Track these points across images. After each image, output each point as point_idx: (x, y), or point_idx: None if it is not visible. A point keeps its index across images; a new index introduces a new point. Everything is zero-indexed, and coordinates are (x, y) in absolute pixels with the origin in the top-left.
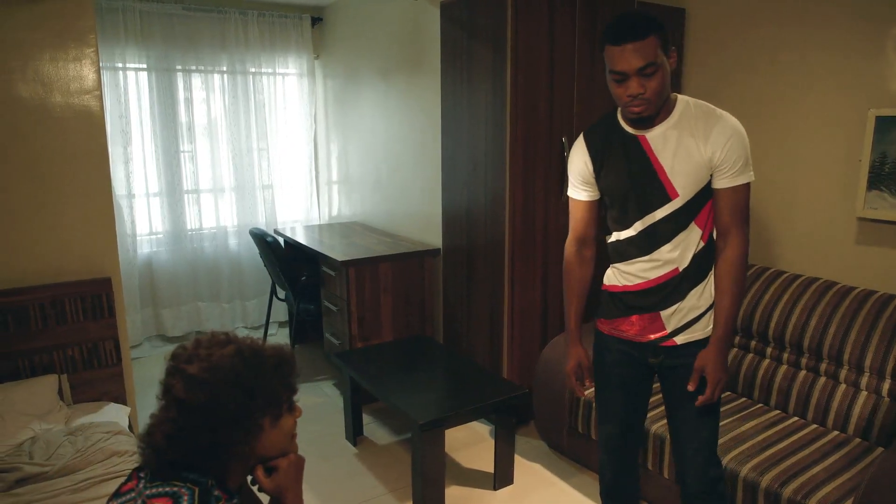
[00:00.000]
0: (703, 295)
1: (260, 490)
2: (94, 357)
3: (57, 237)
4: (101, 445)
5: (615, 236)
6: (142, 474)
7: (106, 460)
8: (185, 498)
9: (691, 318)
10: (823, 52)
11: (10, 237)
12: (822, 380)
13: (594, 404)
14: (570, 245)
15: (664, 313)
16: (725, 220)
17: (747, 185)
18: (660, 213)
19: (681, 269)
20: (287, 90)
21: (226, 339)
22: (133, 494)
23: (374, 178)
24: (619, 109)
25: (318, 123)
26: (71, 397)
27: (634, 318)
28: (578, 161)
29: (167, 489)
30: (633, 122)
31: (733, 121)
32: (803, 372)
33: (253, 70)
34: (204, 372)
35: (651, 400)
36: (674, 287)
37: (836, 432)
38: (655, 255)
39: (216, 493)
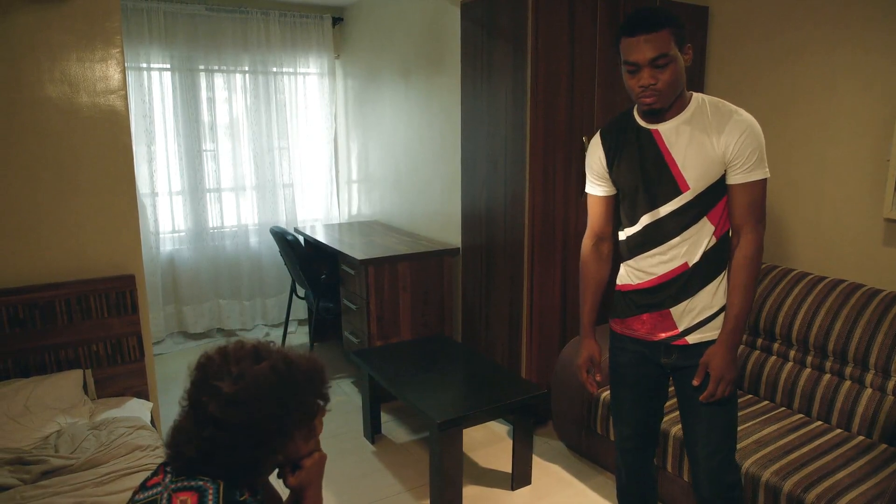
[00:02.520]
0: (716, 294)
1: (284, 484)
2: (117, 353)
3: (82, 234)
4: (123, 440)
5: (626, 232)
6: (168, 469)
7: (129, 454)
8: (210, 492)
9: (704, 317)
10: (850, 49)
11: (38, 234)
12: (847, 383)
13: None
14: (586, 240)
15: (674, 310)
16: (739, 216)
17: (762, 181)
18: (670, 206)
19: (690, 265)
20: (308, 90)
21: (256, 353)
22: (160, 488)
23: (393, 177)
24: (636, 105)
25: (339, 123)
26: (95, 392)
27: (645, 316)
28: (593, 156)
29: (192, 483)
30: (647, 116)
31: (747, 116)
32: (827, 375)
33: (274, 70)
34: (241, 391)
35: (670, 403)
36: (683, 283)
37: (861, 437)
38: (663, 248)
39: (241, 488)
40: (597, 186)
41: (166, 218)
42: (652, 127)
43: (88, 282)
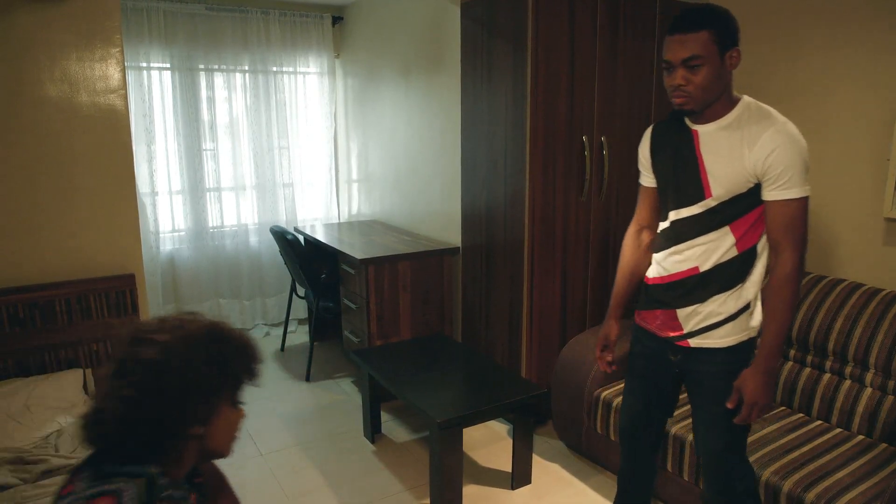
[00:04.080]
0: (726, 303)
1: None
2: None
3: (83, 234)
4: None
5: (660, 226)
6: (82, 475)
7: None
8: (128, 493)
9: (709, 323)
10: (849, 48)
11: (38, 233)
12: (847, 383)
13: (613, 404)
14: (630, 227)
15: (680, 312)
16: (773, 235)
17: (800, 199)
18: (692, 209)
19: (701, 270)
20: (308, 89)
21: (193, 317)
22: (72, 498)
23: (393, 176)
24: None
25: (339, 122)
26: (95, 392)
27: (658, 312)
28: (643, 147)
29: (108, 487)
30: (691, 116)
31: (788, 129)
32: (827, 375)
33: (274, 69)
34: (178, 340)
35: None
36: (692, 287)
37: (860, 436)
38: (680, 248)
39: (162, 481)
40: (644, 176)
41: (166, 217)
42: (694, 127)
43: (88, 281)
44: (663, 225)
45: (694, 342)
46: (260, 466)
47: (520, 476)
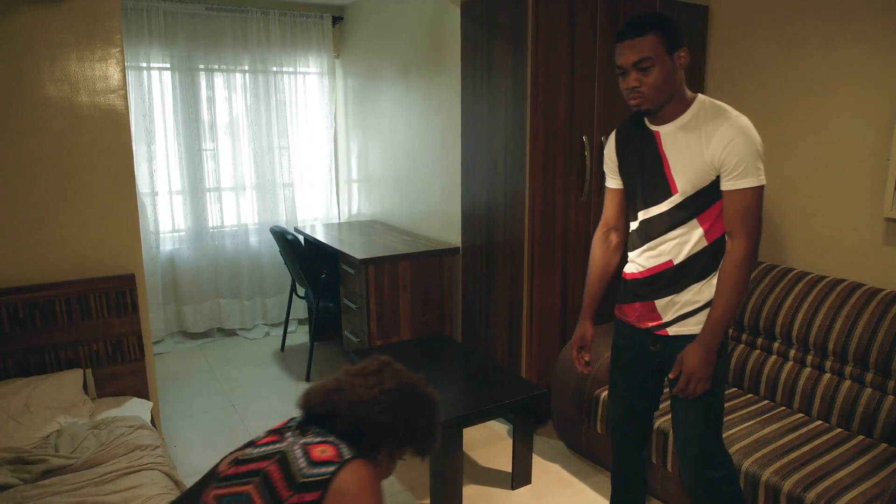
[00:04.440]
0: (701, 291)
1: None
2: (117, 352)
3: (82, 234)
4: (123, 440)
5: (632, 226)
6: (287, 432)
7: (128, 454)
8: (343, 445)
9: (686, 311)
10: (850, 48)
11: (38, 233)
12: (847, 383)
13: None
14: (598, 230)
15: (658, 303)
16: (729, 222)
17: (752, 189)
18: (661, 207)
19: (675, 263)
20: (308, 89)
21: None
22: (279, 445)
23: (393, 176)
24: None
25: (339, 122)
26: (95, 392)
27: (637, 304)
28: (608, 150)
29: (325, 439)
30: (651, 118)
31: (741, 123)
32: (827, 374)
33: (274, 69)
34: (417, 388)
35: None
36: (668, 279)
37: (861, 437)
38: (653, 244)
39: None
40: (611, 179)
41: (166, 217)
42: (654, 129)
43: (88, 281)
44: (633, 225)
45: (672, 330)
46: None
47: (520, 476)
